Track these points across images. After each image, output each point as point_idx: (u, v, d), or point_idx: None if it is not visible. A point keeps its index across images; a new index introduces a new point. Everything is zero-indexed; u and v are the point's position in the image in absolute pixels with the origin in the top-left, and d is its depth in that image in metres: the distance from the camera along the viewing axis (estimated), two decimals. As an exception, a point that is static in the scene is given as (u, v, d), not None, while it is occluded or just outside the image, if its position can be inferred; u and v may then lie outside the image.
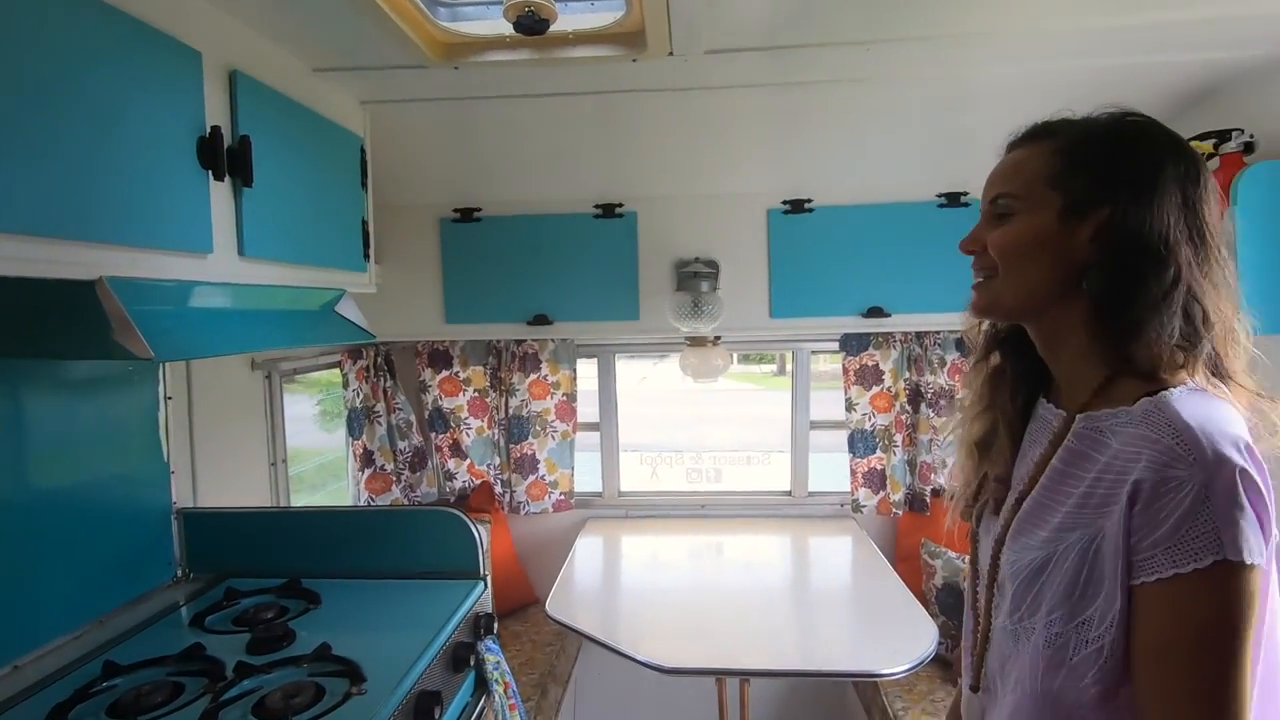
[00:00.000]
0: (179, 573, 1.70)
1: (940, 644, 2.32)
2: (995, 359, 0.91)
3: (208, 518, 1.73)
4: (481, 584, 1.64)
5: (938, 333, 2.58)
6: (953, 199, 2.29)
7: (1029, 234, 0.79)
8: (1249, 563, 0.62)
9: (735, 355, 2.72)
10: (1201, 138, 1.69)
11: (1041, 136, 0.82)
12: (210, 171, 1.20)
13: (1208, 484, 0.64)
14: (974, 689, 0.88)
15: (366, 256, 1.80)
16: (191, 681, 1.24)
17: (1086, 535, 0.72)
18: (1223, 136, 1.66)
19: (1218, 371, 0.74)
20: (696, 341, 2.55)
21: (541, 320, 2.44)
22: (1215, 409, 0.69)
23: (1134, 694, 0.69)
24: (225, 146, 1.23)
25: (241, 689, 1.21)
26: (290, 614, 1.51)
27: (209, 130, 1.20)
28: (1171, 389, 0.71)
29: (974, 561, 0.91)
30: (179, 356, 1.35)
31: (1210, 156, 1.69)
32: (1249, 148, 1.65)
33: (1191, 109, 1.89)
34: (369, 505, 2.59)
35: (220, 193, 1.23)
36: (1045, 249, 0.78)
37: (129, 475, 1.58)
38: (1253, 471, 0.64)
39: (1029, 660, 0.77)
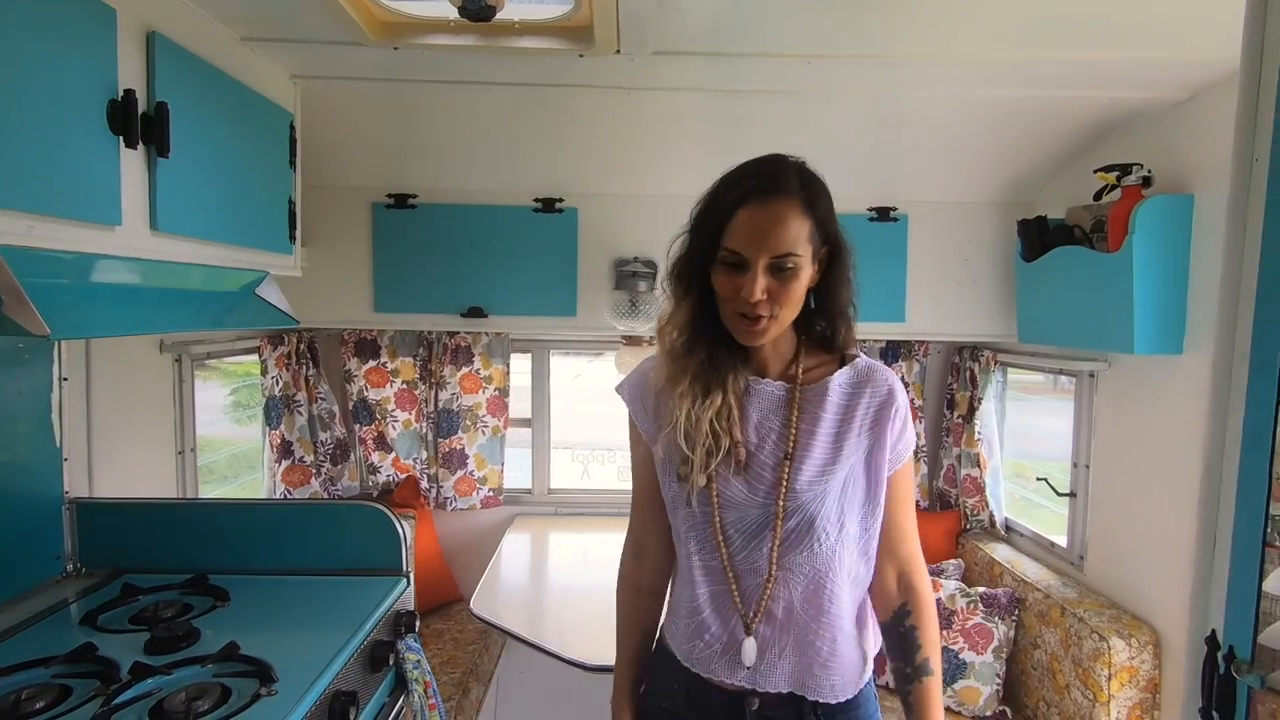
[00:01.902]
0: (69, 567, 1.58)
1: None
2: (704, 354, 1.07)
3: (104, 508, 1.61)
4: (404, 581, 1.59)
5: (864, 341, 2.68)
6: (883, 213, 2.39)
7: (805, 282, 1.01)
8: None
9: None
10: (1107, 169, 1.82)
11: (785, 194, 0.99)
12: (121, 138, 1.12)
13: (908, 407, 1.09)
14: (749, 631, 1.05)
15: (292, 238, 1.72)
16: (81, 684, 1.15)
17: (864, 450, 1.06)
18: (1125, 169, 1.79)
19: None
20: (632, 340, 2.56)
21: (476, 313, 2.39)
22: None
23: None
24: (140, 112, 1.15)
25: (138, 691, 1.13)
26: (195, 612, 1.42)
27: (121, 94, 1.11)
28: (859, 356, 1.10)
29: (721, 522, 1.05)
30: (78, 334, 1.25)
31: (1113, 188, 1.82)
32: (1147, 181, 1.78)
33: (1100, 141, 2.04)
34: (286, 498, 2.48)
35: (132, 161, 1.15)
36: (805, 287, 1.02)
37: (13, 461, 1.46)
38: None
39: (840, 562, 1.04)
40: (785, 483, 1.04)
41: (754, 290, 0.98)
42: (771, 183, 1.00)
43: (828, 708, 1.06)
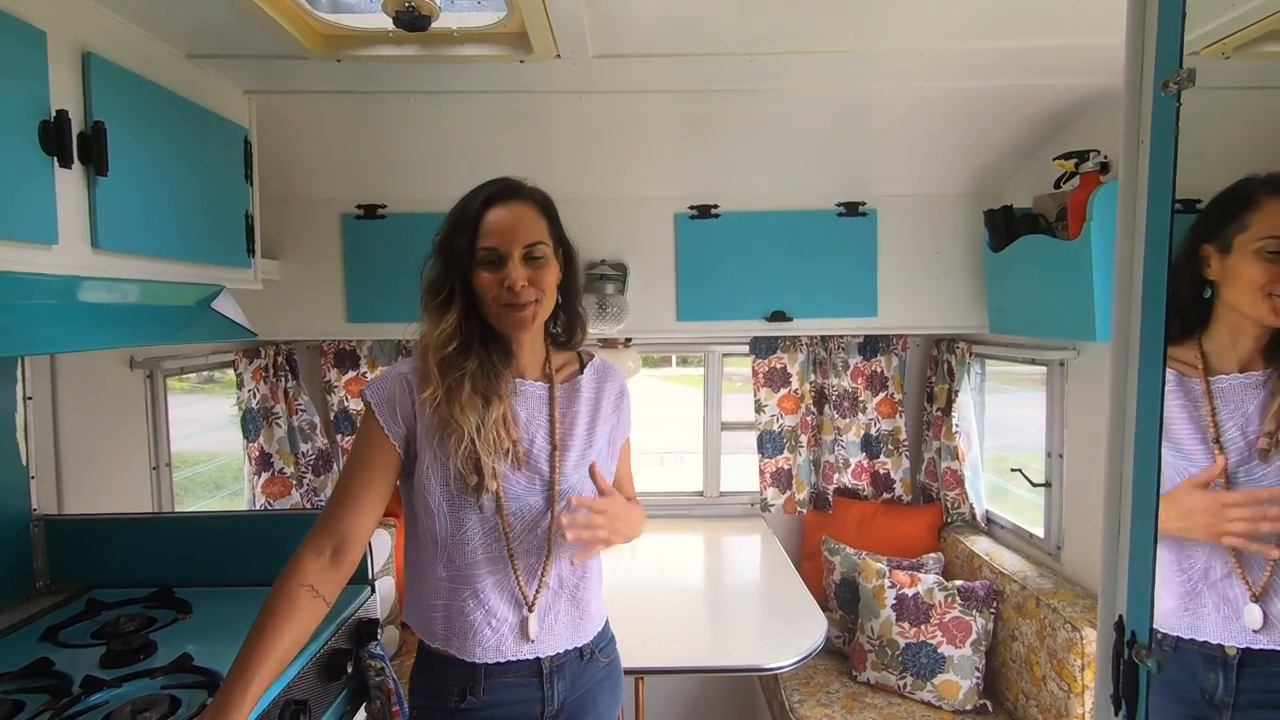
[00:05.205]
0: (39, 584, 1.60)
1: (835, 636, 2.41)
2: (476, 361, 1.15)
3: (73, 525, 1.63)
4: (367, 589, 1.60)
5: (841, 337, 2.67)
6: (851, 208, 2.38)
7: (555, 275, 1.16)
8: None
9: (674, 358, 2.75)
10: (1065, 156, 1.81)
11: (522, 197, 1.16)
12: (55, 158, 1.13)
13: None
14: (531, 608, 1.18)
15: (250, 251, 1.74)
16: (33, 699, 1.17)
17: (606, 430, 1.26)
18: (1083, 156, 1.77)
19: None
20: (608, 343, 2.56)
21: (449, 320, 2.39)
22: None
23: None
24: (76, 132, 1.17)
25: (87, 704, 1.15)
26: (157, 625, 1.43)
27: (54, 115, 1.13)
28: (593, 355, 1.31)
29: (505, 514, 1.16)
30: (9, 353, 1.26)
31: (1071, 175, 1.81)
32: (1105, 168, 1.77)
33: (1062, 129, 2.03)
34: (265, 509, 2.49)
35: (68, 181, 1.17)
36: (555, 280, 1.17)
37: (-21, 481, 1.48)
38: None
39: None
40: (557, 470, 1.18)
41: (517, 277, 1.10)
42: (510, 188, 1.16)
43: (592, 644, 1.26)
